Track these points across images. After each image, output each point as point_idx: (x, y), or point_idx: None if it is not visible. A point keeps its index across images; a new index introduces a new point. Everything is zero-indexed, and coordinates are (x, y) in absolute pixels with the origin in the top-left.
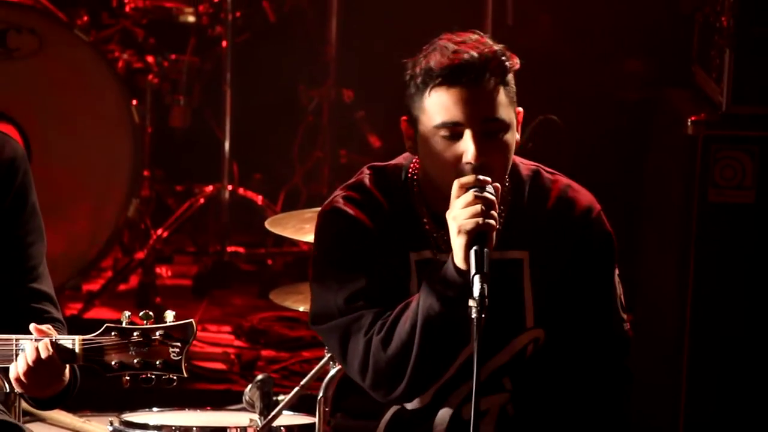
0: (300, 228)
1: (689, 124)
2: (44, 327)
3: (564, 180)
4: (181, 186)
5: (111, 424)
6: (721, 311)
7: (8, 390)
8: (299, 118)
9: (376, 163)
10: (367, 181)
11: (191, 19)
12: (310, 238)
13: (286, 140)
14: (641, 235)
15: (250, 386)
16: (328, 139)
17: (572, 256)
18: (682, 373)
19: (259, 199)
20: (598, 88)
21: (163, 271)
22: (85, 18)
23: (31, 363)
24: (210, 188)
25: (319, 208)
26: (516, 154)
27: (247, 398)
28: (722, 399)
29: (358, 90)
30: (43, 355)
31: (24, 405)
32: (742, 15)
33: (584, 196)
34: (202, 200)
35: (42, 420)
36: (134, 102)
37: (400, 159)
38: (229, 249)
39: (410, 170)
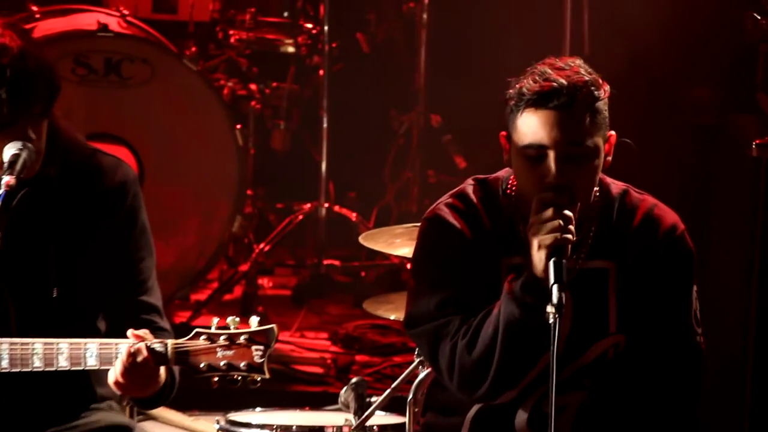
0: (391, 243)
1: (754, 146)
2: (141, 332)
3: (651, 200)
4: (282, 204)
5: (218, 422)
6: None
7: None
8: (390, 141)
9: (479, 176)
10: (470, 191)
11: (291, 49)
12: (400, 252)
13: (378, 161)
14: (707, 256)
15: (345, 388)
16: (418, 160)
17: (655, 269)
18: (746, 396)
19: (353, 215)
20: (667, 114)
21: (264, 282)
22: (194, 49)
23: (126, 365)
24: (308, 206)
25: (409, 225)
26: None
27: (343, 399)
28: None
29: (445, 115)
30: (137, 357)
31: None
32: None
33: (670, 216)
34: (300, 217)
35: (154, 419)
36: (238, 126)
37: (502, 172)
38: (326, 262)
39: (509, 183)
